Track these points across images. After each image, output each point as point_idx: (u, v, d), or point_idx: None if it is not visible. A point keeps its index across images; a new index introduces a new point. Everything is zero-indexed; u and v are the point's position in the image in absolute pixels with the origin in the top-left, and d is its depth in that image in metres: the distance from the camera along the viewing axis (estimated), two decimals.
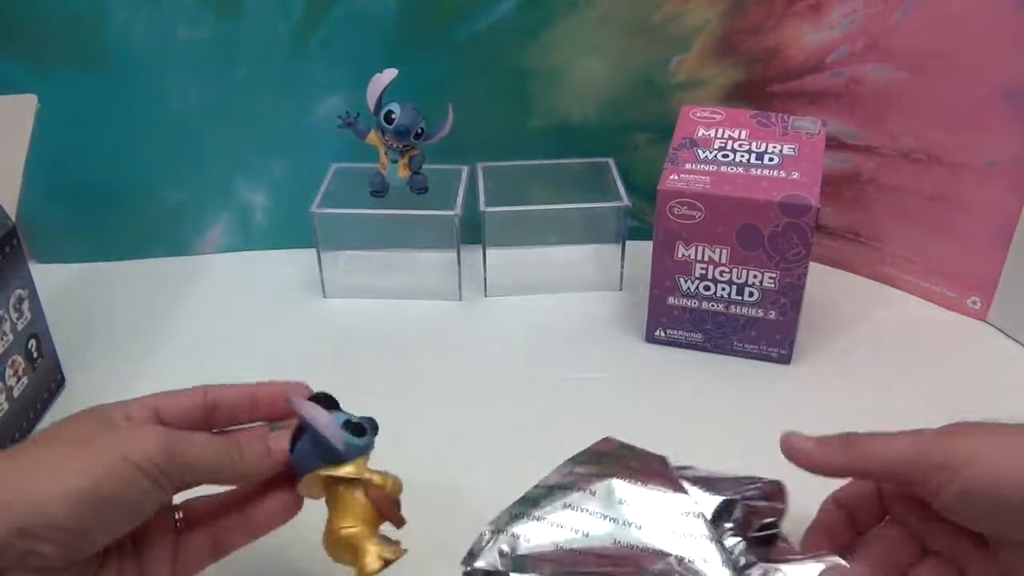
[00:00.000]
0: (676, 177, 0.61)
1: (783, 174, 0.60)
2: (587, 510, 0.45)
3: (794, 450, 0.42)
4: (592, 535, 0.44)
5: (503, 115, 0.75)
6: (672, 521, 0.44)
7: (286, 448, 0.40)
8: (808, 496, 0.46)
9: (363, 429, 0.40)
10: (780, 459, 0.55)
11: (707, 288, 0.63)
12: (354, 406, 0.42)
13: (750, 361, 0.64)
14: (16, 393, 0.57)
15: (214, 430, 0.42)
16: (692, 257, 0.62)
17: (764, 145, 0.63)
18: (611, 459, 0.49)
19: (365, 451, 0.41)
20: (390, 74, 0.64)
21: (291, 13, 0.70)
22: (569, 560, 0.43)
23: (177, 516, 0.42)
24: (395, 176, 0.69)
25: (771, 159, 0.61)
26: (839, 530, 0.44)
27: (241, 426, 0.43)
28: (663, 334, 0.66)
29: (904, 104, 0.67)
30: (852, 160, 0.71)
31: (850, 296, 0.72)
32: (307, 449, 0.40)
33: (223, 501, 0.43)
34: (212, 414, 0.42)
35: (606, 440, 0.51)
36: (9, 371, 0.56)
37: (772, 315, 0.62)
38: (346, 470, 0.40)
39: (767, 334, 0.63)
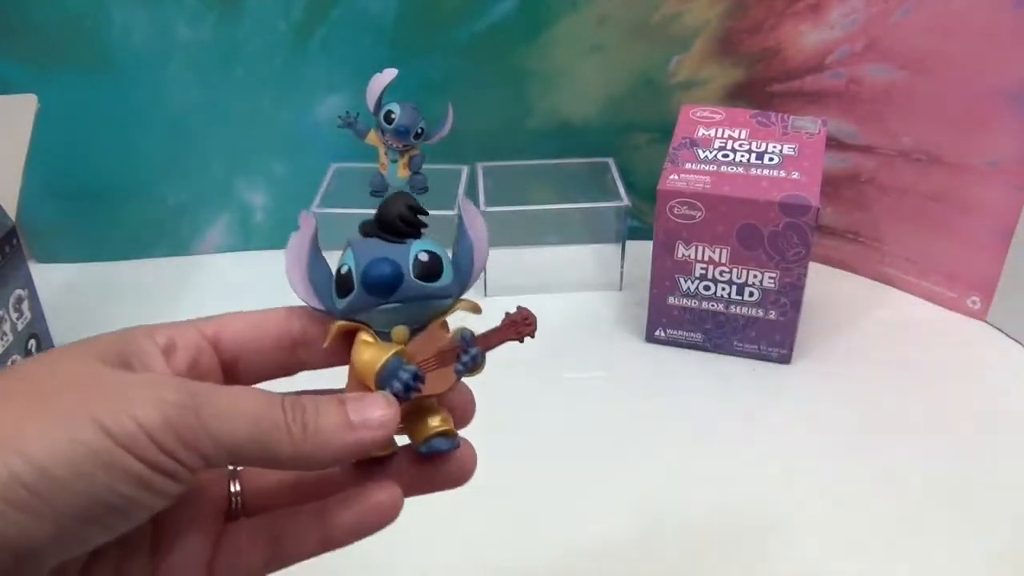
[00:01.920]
0: (676, 177, 0.61)
1: (783, 174, 0.60)
2: None
3: None
4: None
5: (503, 115, 0.75)
6: None
7: (386, 417, 0.27)
8: None
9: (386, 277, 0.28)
10: (780, 458, 0.55)
11: (707, 288, 0.63)
12: None
13: (750, 361, 0.64)
14: None
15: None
16: (692, 257, 0.62)
17: (764, 145, 0.63)
18: None
19: (345, 311, 0.29)
20: (390, 74, 0.64)
21: (291, 13, 0.70)
22: None
23: (233, 492, 0.31)
24: (395, 176, 0.69)
25: (771, 159, 0.61)
26: None
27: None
28: (663, 334, 0.66)
29: (904, 104, 0.67)
30: (852, 160, 0.71)
31: (850, 296, 0.72)
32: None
33: (298, 483, 0.31)
34: (306, 350, 0.30)
35: None
36: None
37: (772, 315, 0.62)
38: (327, 335, 0.29)
39: (767, 334, 0.63)
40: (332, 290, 0.29)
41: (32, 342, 0.59)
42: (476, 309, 0.31)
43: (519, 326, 0.31)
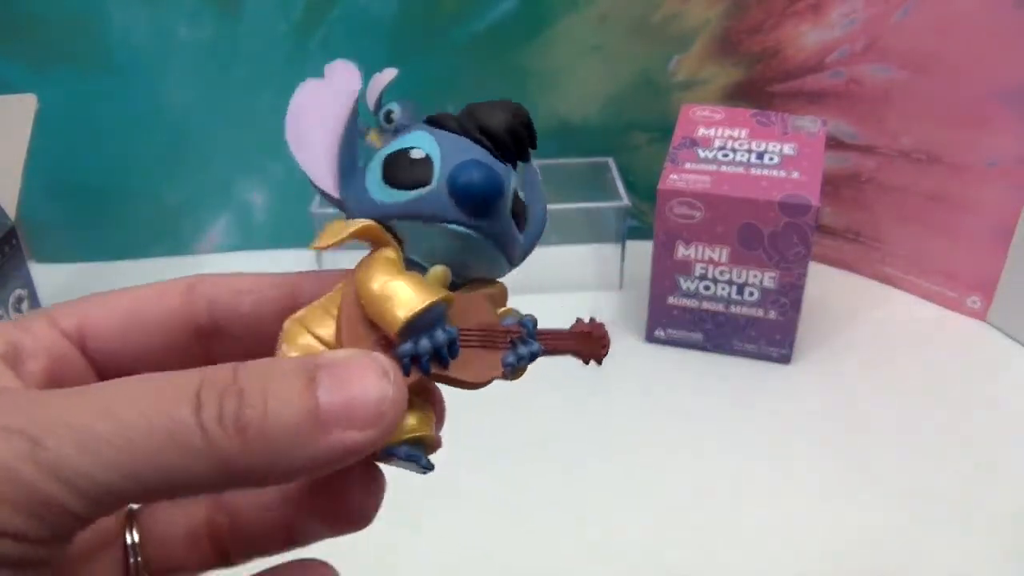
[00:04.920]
0: (676, 177, 0.61)
1: (783, 174, 0.60)
2: None
3: None
4: None
5: None
6: None
7: (383, 400, 0.18)
8: None
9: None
10: (780, 458, 0.55)
11: (707, 288, 0.63)
12: None
13: (750, 361, 0.64)
14: None
15: None
16: (692, 257, 0.62)
17: (764, 145, 0.63)
18: None
19: (381, 212, 0.21)
20: (390, 74, 0.64)
21: (291, 13, 0.70)
22: None
23: (130, 544, 0.23)
24: None
25: (771, 159, 0.61)
26: None
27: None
28: (663, 334, 0.66)
29: (904, 104, 0.67)
30: (852, 160, 0.71)
31: (850, 296, 0.72)
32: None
33: (217, 527, 0.23)
34: (213, 338, 0.22)
35: None
36: None
37: (772, 315, 0.62)
38: (333, 233, 0.21)
39: (767, 334, 0.63)
40: (371, 176, 0.21)
41: None
42: (504, 298, 0.23)
43: (591, 342, 0.24)
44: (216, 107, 0.73)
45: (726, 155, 0.62)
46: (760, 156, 0.62)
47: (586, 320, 0.24)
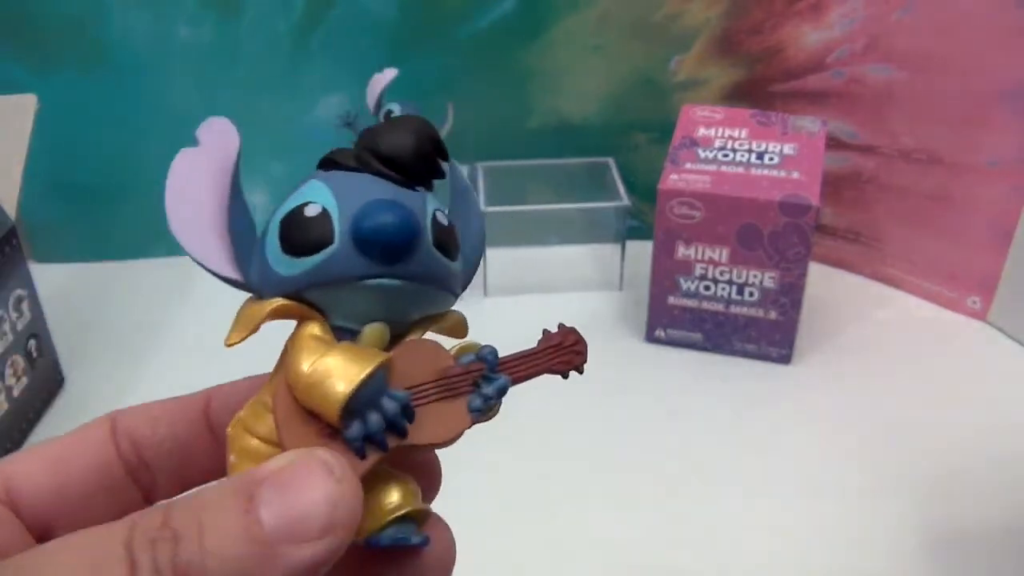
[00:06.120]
0: (676, 177, 0.61)
1: (783, 174, 0.60)
2: None
3: None
4: None
5: (503, 115, 0.75)
6: None
7: (335, 509, 0.16)
8: None
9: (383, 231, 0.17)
10: (780, 458, 0.55)
11: (707, 288, 0.63)
12: None
13: (750, 361, 0.64)
14: (16, 393, 0.57)
15: None
16: (692, 257, 0.62)
17: (764, 145, 0.63)
18: None
19: (295, 284, 0.18)
20: (390, 74, 0.64)
21: (291, 13, 0.70)
22: None
23: None
24: None
25: (771, 159, 0.61)
26: None
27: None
28: (663, 334, 0.66)
29: (904, 104, 0.67)
30: (852, 160, 0.71)
31: (850, 296, 0.72)
32: None
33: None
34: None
35: None
36: (9, 371, 0.56)
37: (772, 315, 0.62)
38: (245, 323, 0.19)
39: (767, 334, 0.63)
40: (270, 246, 0.18)
41: (32, 342, 0.59)
42: (463, 328, 0.21)
43: (566, 353, 0.20)
44: (216, 107, 0.72)
45: (726, 155, 0.62)
46: (760, 156, 0.62)
47: (554, 329, 0.20)
